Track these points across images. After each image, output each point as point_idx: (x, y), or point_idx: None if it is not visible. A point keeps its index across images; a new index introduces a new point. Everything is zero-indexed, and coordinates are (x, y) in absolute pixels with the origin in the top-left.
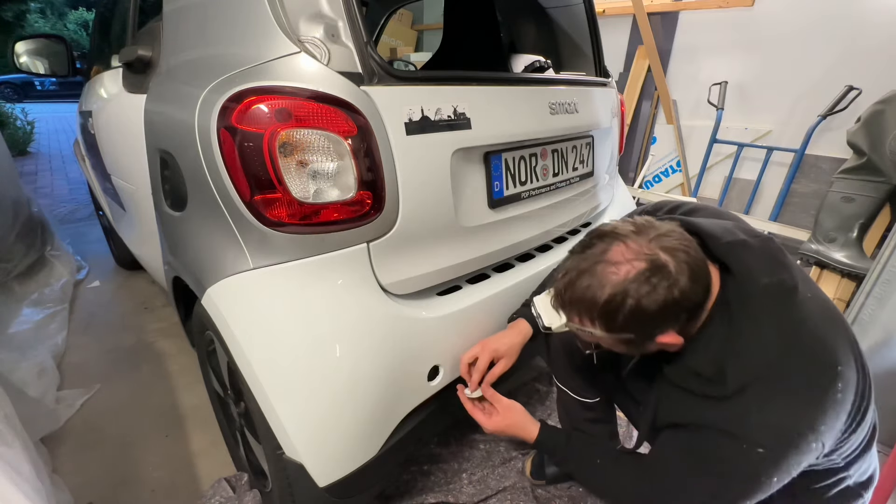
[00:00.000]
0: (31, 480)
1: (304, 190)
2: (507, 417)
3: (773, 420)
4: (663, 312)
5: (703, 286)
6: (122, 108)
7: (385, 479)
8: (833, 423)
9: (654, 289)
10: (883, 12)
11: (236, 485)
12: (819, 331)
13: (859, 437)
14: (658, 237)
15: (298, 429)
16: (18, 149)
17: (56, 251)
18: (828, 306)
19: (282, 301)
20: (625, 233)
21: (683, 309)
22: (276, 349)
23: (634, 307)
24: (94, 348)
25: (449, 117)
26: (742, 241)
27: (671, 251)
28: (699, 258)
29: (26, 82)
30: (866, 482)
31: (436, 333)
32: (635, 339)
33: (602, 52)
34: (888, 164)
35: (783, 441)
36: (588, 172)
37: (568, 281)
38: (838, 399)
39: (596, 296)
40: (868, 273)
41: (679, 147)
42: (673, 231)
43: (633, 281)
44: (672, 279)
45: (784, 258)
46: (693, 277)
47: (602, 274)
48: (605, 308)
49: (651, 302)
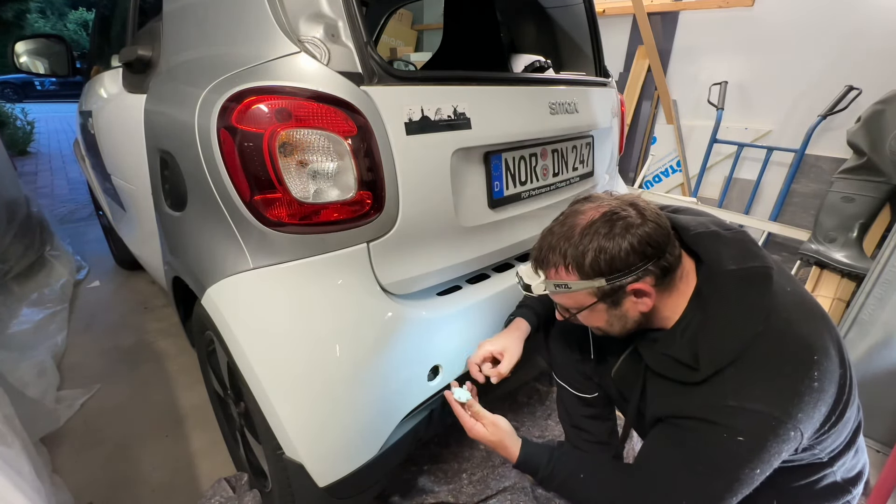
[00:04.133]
0: (31, 480)
1: (304, 190)
2: (492, 434)
3: (749, 405)
4: (627, 252)
5: (666, 235)
6: (122, 108)
7: (385, 479)
8: (811, 413)
9: (614, 225)
10: (883, 12)
11: (236, 485)
12: (795, 321)
13: (842, 432)
14: (624, 197)
15: (298, 429)
16: (18, 149)
17: (56, 251)
18: (807, 301)
19: (282, 301)
20: (594, 196)
21: (649, 246)
22: (276, 349)
23: (600, 244)
24: (94, 348)
25: (449, 117)
26: (713, 231)
27: (634, 204)
28: (663, 221)
29: (26, 82)
30: (854, 478)
31: (436, 333)
32: (607, 286)
33: (602, 51)
34: (888, 164)
35: (761, 426)
36: (588, 172)
37: (542, 236)
38: (815, 388)
39: (565, 240)
40: (868, 273)
41: (679, 147)
42: (645, 203)
43: (598, 220)
44: (634, 222)
45: (756, 249)
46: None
47: (571, 224)
48: (574, 249)
49: (614, 237)
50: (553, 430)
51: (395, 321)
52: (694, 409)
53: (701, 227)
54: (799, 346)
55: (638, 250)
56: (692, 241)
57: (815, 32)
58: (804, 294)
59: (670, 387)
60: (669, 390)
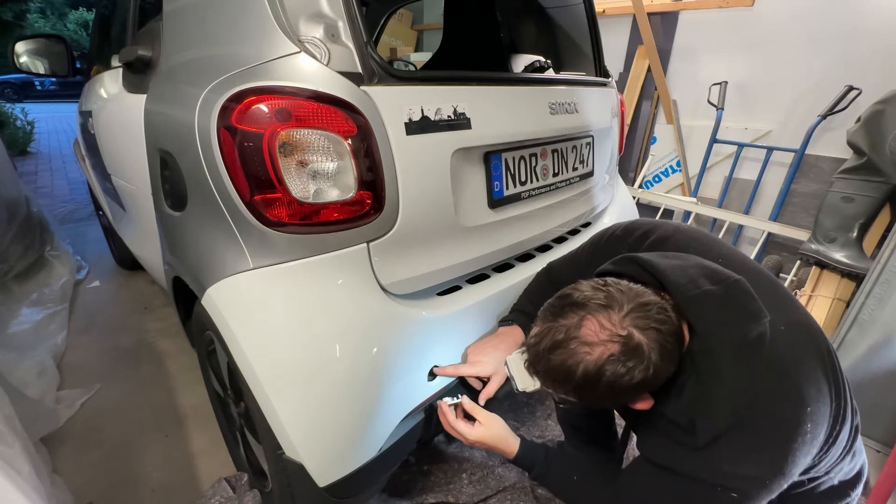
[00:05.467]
0: (31, 480)
1: (304, 190)
2: (489, 429)
3: (743, 470)
4: (636, 388)
5: (676, 359)
6: (122, 108)
7: (385, 479)
8: (803, 461)
9: (629, 371)
10: (883, 12)
11: (236, 485)
12: (788, 372)
13: (837, 451)
14: (630, 312)
15: (298, 429)
16: (18, 149)
17: (56, 251)
18: (799, 331)
19: (282, 301)
20: (596, 307)
21: (655, 384)
22: (276, 349)
23: (609, 385)
24: (93, 348)
25: (449, 117)
26: (704, 293)
27: (643, 330)
28: (670, 331)
29: (26, 82)
30: (853, 480)
31: (436, 333)
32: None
33: (602, 52)
34: (888, 164)
35: (754, 487)
36: (588, 172)
37: (542, 351)
38: (807, 440)
39: (570, 373)
40: (868, 273)
41: (679, 147)
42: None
43: (608, 363)
44: (645, 361)
45: (750, 304)
46: (664, 355)
47: (576, 352)
48: (581, 384)
49: (625, 381)
50: (553, 430)
51: (395, 321)
52: (690, 469)
53: (691, 287)
54: (793, 402)
55: (643, 387)
56: (684, 307)
57: (815, 32)
58: (795, 319)
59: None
60: (667, 444)
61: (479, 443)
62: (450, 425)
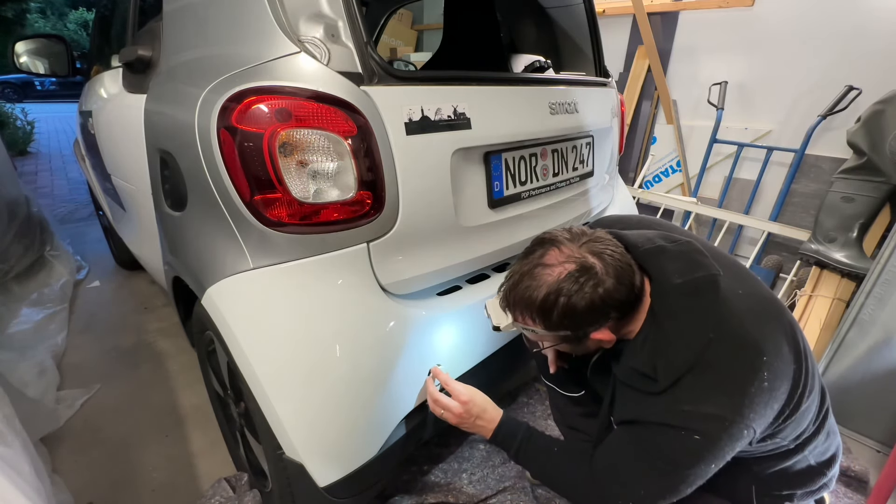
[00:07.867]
0: (31, 480)
1: (304, 190)
2: (474, 402)
3: (703, 409)
4: (592, 309)
5: (628, 286)
6: (122, 108)
7: (385, 479)
8: (762, 411)
9: (582, 287)
10: (883, 12)
11: (236, 485)
12: (744, 324)
13: (802, 422)
14: (588, 242)
15: (298, 429)
16: (18, 149)
17: (56, 251)
18: (761, 300)
19: (282, 301)
20: (560, 238)
21: (611, 306)
22: (276, 349)
23: (566, 304)
24: (94, 348)
25: (449, 117)
26: (658, 247)
27: (598, 254)
28: (624, 260)
29: (26, 82)
30: (828, 461)
31: (436, 333)
32: (571, 335)
33: (602, 51)
34: (888, 164)
35: (715, 427)
36: (588, 172)
37: (511, 283)
38: (765, 388)
39: (533, 295)
40: (868, 273)
41: (679, 147)
42: (602, 237)
43: (565, 280)
44: (598, 279)
45: (701, 258)
46: (618, 278)
47: (539, 275)
48: (542, 306)
49: (580, 299)
50: (553, 430)
51: (395, 321)
52: (655, 415)
53: (648, 243)
54: (749, 350)
55: (601, 309)
56: (640, 258)
57: (815, 32)
58: (759, 293)
59: (635, 395)
60: (634, 398)
61: (465, 414)
62: (434, 399)
